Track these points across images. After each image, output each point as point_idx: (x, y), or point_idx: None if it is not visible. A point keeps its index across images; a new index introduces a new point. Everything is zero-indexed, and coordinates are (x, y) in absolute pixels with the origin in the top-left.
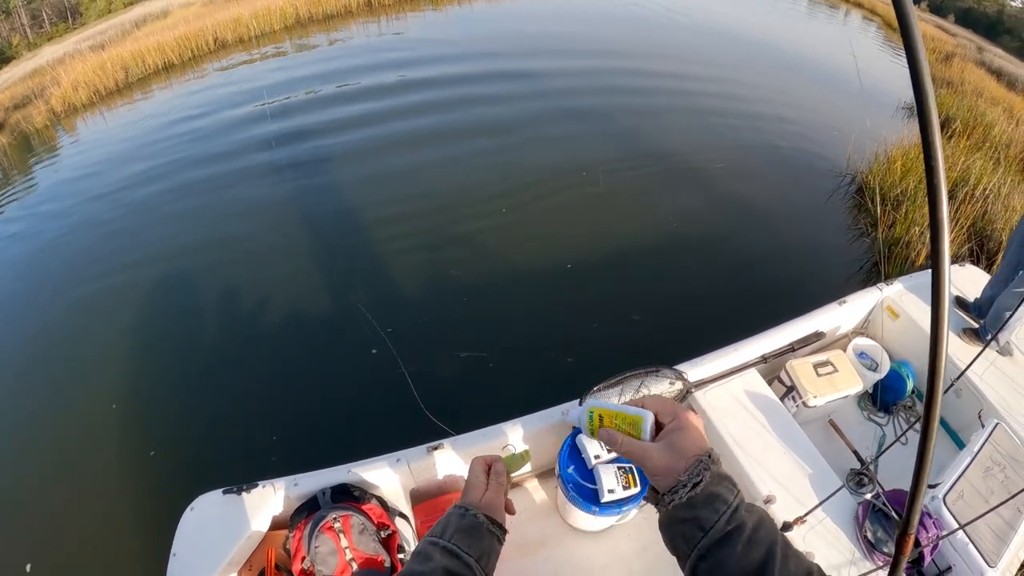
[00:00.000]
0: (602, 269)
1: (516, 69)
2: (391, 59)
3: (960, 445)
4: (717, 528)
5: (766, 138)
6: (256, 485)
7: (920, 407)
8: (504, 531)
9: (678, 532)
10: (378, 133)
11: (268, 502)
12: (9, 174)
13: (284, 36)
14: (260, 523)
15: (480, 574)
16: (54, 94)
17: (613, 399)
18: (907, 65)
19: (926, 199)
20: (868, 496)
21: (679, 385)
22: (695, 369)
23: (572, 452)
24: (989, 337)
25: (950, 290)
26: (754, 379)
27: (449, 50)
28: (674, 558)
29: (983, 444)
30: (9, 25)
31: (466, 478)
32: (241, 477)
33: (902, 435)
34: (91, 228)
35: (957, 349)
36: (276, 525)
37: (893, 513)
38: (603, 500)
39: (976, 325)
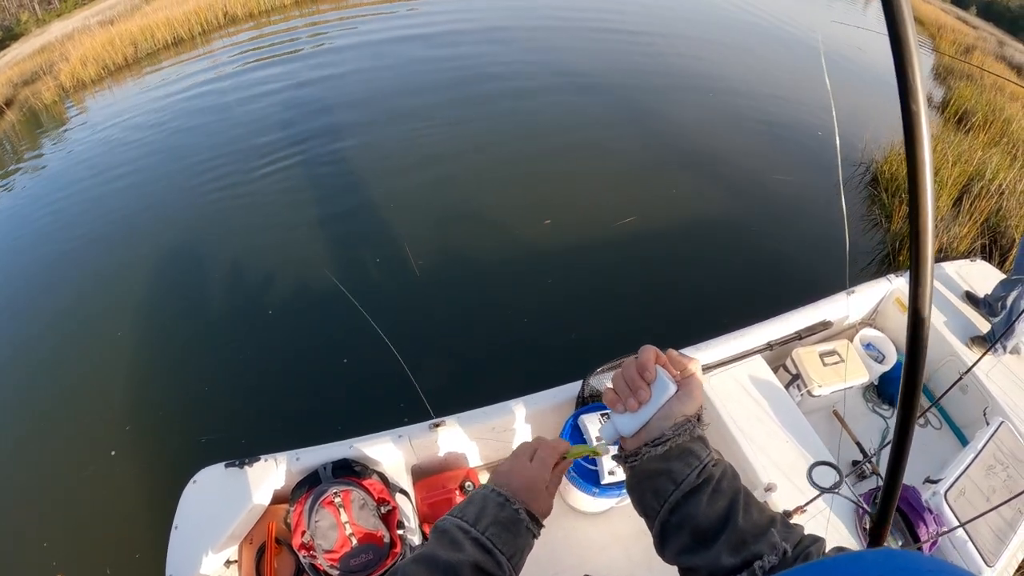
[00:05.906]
0: (610, 252)
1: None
2: (406, 34)
3: (964, 442)
4: (688, 481)
5: (778, 126)
6: (258, 459)
7: (927, 402)
8: (541, 526)
9: (649, 488)
10: (398, 111)
11: (270, 476)
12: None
13: (294, 10)
14: (261, 497)
15: (510, 573)
16: (63, 70)
17: None
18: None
19: (941, 192)
20: (869, 488)
21: None
22: (699, 353)
23: (574, 432)
24: (994, 341)
25: (932, 291)
26: (759, 366)
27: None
28: None
29: (987, 442)
30: (17, 1)
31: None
32: (243, 451)
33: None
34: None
35: (965, 347)
36: (277, 499)
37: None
38: (604, 481)
39: (982, 332)
